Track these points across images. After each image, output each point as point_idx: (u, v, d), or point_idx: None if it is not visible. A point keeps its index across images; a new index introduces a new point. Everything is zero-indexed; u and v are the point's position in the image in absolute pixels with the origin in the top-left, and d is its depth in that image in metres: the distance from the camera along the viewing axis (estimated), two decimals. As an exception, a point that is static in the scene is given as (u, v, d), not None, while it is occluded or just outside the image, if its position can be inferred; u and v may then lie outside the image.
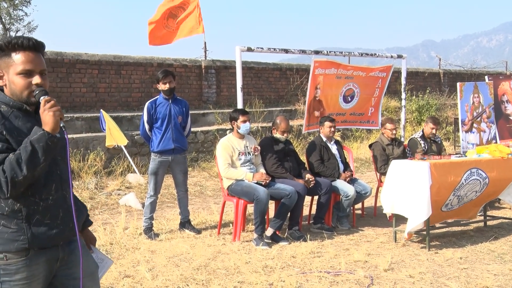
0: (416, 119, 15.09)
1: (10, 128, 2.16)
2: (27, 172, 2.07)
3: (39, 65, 2.23)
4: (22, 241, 2.17)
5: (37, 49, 2.23)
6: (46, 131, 2.11)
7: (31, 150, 2.07)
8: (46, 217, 2.23)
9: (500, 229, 6.31)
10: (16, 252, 2.18)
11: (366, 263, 5.06)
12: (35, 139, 2.09)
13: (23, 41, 2.19)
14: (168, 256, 5.26)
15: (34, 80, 2.21)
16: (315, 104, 7.32)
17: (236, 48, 6.71)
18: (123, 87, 11.57)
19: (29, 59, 2.19)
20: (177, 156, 6.16)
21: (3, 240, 2.16)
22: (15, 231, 2.17)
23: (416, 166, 5.55)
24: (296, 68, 14.84)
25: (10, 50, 2.19)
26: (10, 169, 2.05)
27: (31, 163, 2.08)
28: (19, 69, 2.19)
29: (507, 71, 21.21)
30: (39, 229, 2.21)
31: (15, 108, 2.22)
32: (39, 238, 2.20)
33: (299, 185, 6.00)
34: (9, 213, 2.16)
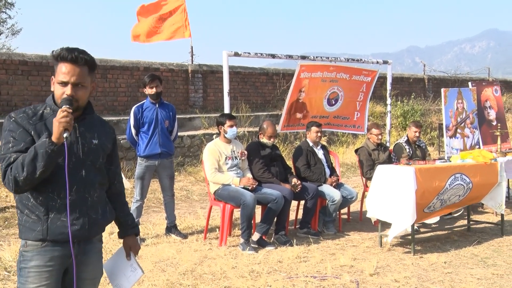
0: (401, 124, 15.22)
1: (40, 129, 2.37)
2: (26, 174, 2.25)
3: (74, 77, 2.39)
4: (38, 232, 2.38)
5: (77, 62, 2.39)
6: (48, 139, 2.27)
7: (33, 155, 2.25)
8: (62, 214, 2.39)
9: (483, 234, 6.39)
10: (33, 241, 2.39)
11: (352, 267, 5.10)
12: (38, 145, 2.27)
13: (64, 53, 2.39)
14: (154, 261, 5.24)
15: (65, 91, 2.39)
16: (298, 106, 7.33)
17: (223, 53, 6.72)
18: (109, 91, 11.51)
19: (66, 71, 2.39)
20: (164, 161, 6.15)
21: (25, 228, 2.41)
22: (35, 222, 2.38)
23: (402, 171, 5.60)
24: (283, 73, 14.88)
25: (57, 59, 2.42)
26: (15, 169, 2.26)
27: (31, 167, 2.25)
28: (58, 79, 2.42)
29: (490, 78, 21.51)
30: (55, 224, 2.38)
31: (55, 112, 2.38)
32: (53, 232, 2.38)
33: (285, 189, 6.02)
34: (32, 205, 2.38)
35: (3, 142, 2.34)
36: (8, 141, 2.33)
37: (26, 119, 2.37)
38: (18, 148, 2.31)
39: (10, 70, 9.99)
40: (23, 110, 2.42)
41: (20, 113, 2.40)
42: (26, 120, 2.36)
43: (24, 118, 2.37)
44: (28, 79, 10.20)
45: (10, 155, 2.30)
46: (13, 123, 2.36)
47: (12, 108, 9.95)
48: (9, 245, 5.65)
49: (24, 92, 10.14)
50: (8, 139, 2.34)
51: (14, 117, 2.38)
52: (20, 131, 2.34)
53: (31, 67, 10.24)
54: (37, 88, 10.29)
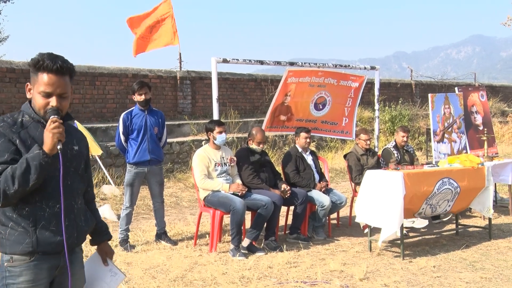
0: (389, 129, 15.32)
1: (25, 137, 2.28)
2: (18, 187, 2.17)
3: (59, 88, 2.33)
4: (27, 244, 2.28)
5: (61, 72, 2.32)
6: (42, 151, 2.20)
7: (25, 167, 2.17)
8: (51, 224, 2.32)
9: (471, 238, 6.45)
10: (21, 255, 2.29)
11: (342, 272, 5.12)
12: (30, 157, 2.19)
13: (48, 63, 2.29)
14: (145, 268, 5.23)
15: (51, 102, 2.32)
16: (282, 109, 7.36)
17: (212, 59, 6.74)
18: (98, 98, 11.47)
19: (50, 82, 2.30)
20: (153, 167, 6.14)
21: (10, 242, 2.29)
22: (22, 234, 2.28)
23: (390, 176, 5.65)
24: (271, 79, 14.93)
25: (37, 69, 2.31)
26: (4, 182, 2.16)
27: (23, 179, 2.17)
28: (40, 90, 2.32)
29: (476, 83, 21.75)
30: (44, 235, 2.30)
31: (34, 121, 2.36)
32: (43, 243, 2.30)
33: (275, 195, 6.04)
34: (18, 217, 2.28)
35: None
36: None
37: (8, 127, 2.27)
38: (2, 160, 2.21)
39: (-2, 77, 9.93)
40: (2, 119, 2.32)
41: (0, 122, 2.30)
42: (9, 129, 2.27)
43: (6, 127, 2.27)
44: (16, 87, 10.13)
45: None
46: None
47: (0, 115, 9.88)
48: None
49: (12, 100, 10.07)
50: None
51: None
52: (3, 141, 2.24)
53: (18, 74, 10.18)
54: (25, 95, 10.17)
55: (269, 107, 7.31)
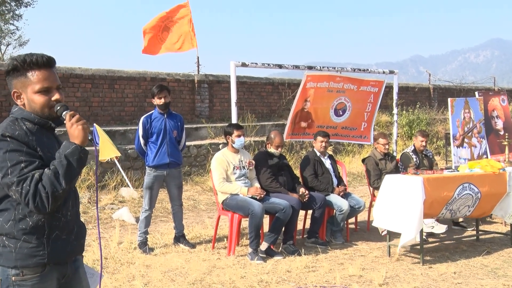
0: (406, 133, 15.22)
1: (41, 144, 2.22)
2: (65, 186, 2.12)
3: (55, 81, 2.28)
4: (41, 256, 2.20)
5: (50, 65, 2.27)
6: (78, 145, 2.17)
7: (67, 164, 2.13)
8: (64, 233, 2.28)
9: (492, 244, 6.36)
10: (33, 268, 2.20)
11: (361, 277, 5.09)
12: (69, 153, 2.15)
13: (37, 58, 2.22)
14: (163, 271, 5.25)
15: (53, 97, 2.26)
16: (303, 115, 7.35)
17: (230, 63, 6.76)
18: (116, 101, 11.58)
19: (45, 77, 2.24)
20: (172, 171, 6.18)
21: (22, 255, 2.18)
22: (35, 246, 2.20)
23: (410, 181, 5.61)
24: (288, 82, 14.93)
25: (25, 69, 2.22)
26: (50, 184, 2.09)
27: (68, 176, 2.13)
28: (38, 88, 2.23)
29: (496, 87, 21.49)
30: (57, 245, 2.25)
31: (39, 125, 2.27)
32: (57, 253, 2.25)
33: (293, 199, 6.03)
34: (31, 228, 2.19)
35: (11, 164, 2.11)
36: (18, 161, 2.11)
37: (26, 136, 2.18)
38: (35, 166, 2.13)
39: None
40: (12, 128, 2.19)
41: (13, 130, 2.18)
42: (27, 138, 2.18)
43: (24, 136, 2.17)
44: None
45: (31, 173, 2.10)
46: (14, 142, 2.14)
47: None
48: None
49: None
50: (18, 159, 2.11)
51: (10, 135, 2.15)
52: (27, 149, 2.15)
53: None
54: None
55: (289, 115, 7.30)
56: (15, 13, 21.76)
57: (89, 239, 6.59)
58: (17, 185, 2.09)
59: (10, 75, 2.26)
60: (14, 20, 22.12)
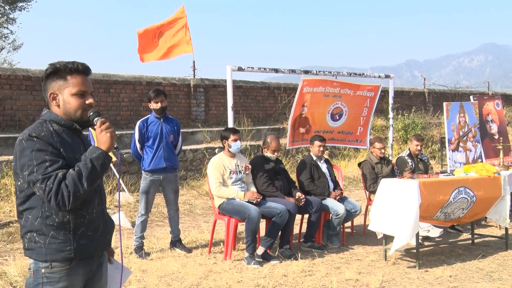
0: (402, 137, 15.26)
1: (65, 145, 2.39)
2: (87, 187, 2.27)
3: (90, 87, 2.49)
4: (68, 251, 2.37)
5: (87, 73, 2.48)
6: (104, 151, 2.34)
7: (91, 167, 2.28)
8: (89, 229, 2.43)
9: (487, 247, 6.39)
10: (61, 262, 2.37)
11: (357, 281, 5.10)
12: (94, 157, 2.31)
13: (78, 65, 2.44)
14: (160, 276, 5.24)
15: (88, 100, 2.45)
16: (301, 121, 7.37)
17: (227, 67, 6.78)
18: (112, 105, 11.57)
19: (83, 82, 2.45)
20: (169, 175, 6.17)
21: (51, 250, 2.35)
22: (63, 242, 2.36)
23: (406, 185, 5.62)
24: (284, 87, 14.96)
25: (66, 73, 2.43)
26: (73, 184, 2.24)
27: (91, 179, 2.28)
28: (75, 91, 2.43)
29: (490, 91, 21.60)
30: (83, 241, 2.41)
31: (65, 127, 2.44)
32: (83, 249, 2.40)
33: (290, 203, 6.04)
34: (58, 225, 2.35)
35: (36, 163, 2.27)
36: (43, 160, 2.27)
37: (50, 137, 2.34)
38: (59, 165, 2.28)
39: (14, 85, 10.06)
40: (39, 129, 2.36)
41: (40, 131, 2.34)
42: (52, 138, 2.34)
43: (48, 136, 2.33)
44: (32, 94, 10.26)
45: (55, 172, 2.25)
46: (40, 142, 2.30)
47: (16, 123, 10.00)
48: (14, 260, 5.64)
49: (27, 107, 10.19)
50: (43, 158, 2.27)
51: (36, 135, 2.31)
52: (51, 149, 2.31)
53: (34, 82, 10.30)
54: (41, 103, 10.34)
55: (289, 122, 7.31)
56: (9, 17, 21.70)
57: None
58: (41, 182, 2.24)
59: (49, 78, 2.45)
60: (8, 24, 22.06)
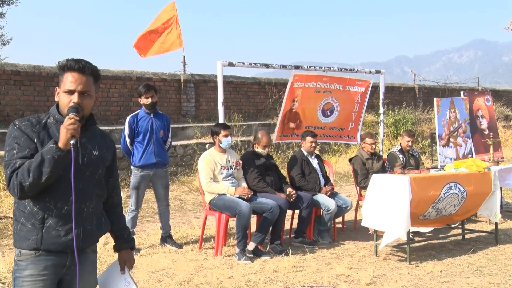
0: (392, 133, 15.30)
1: (43, 137, 2.40)
2: (32, 180, 2.26)
3: (80, 86, 2.43)
4: (32, 241, 2.38)
5: (83, 71, 2.45)
6: (56, 145, 2.30)
7: (39, 160, 2.27)
8: (58, 224, 2.40)
9: (477, 242, 6.42)
10: (28, 250, 2.39)
11: (348, 277, 5.10)
12: (45, 150, 2.30)
13: (71, 63, 2.44)
14: (150, 271, 5.21)
15: (73, 99, 2.42)
16: (291, 116, 7.34)
17: (217, 62, 6.73)
18: (102, 100, 11.47)
19: (73, 80, 2.43)
20: (159, 170, 6.13)
21: (20, 236, 2.41)
22: (30, 230, 2.39)
23: (397, 181, 5.63)
24: (275, 82, 14.93)
25: (64, 70, 2.45)
26: (21, 174, 2.28)
27: (37, 172, 2.26)
28: (64, 88, 2.45)
29: (479, 87, 21.72)
30: (49, 234, 2.39)
31: (59, 122, 2.45)
32: (48, 241, 2.38)
33: (280, 199, 6.03)
34: (29, 213, 2.39)
35: (8, 149, 2.38)
36: (12, 147, 2.37)
37: (30, 127, 2.40)
38: (23, 154, 2.34)
39: (3, 80, 9.94)
40: (27, 119, 2.45)
41: (24, 121, 2.43)
42: (30, 128, 2.39)
43: (28, 126, 2.40)
44: (20, 89, 10.15)
45: (15, 161, 2.33)
46: (17, 130, 2.39)
47: (5, 118, 9.89)
48: (3, 256, 5.59)
49: (16, 102, 10.08)
50: (13, 146, 2.37)
51: (18, 125, 2.41)
52: (24, 138, 2.37)
53: (23, 77, 10.19)
54: (29, 98, 10.24)
55: (278, 116, 7.28)
56: (-2, 11, 21.45)
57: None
58: (5, 168, 2.36)
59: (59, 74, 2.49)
60: (-4, 19, 21.81)
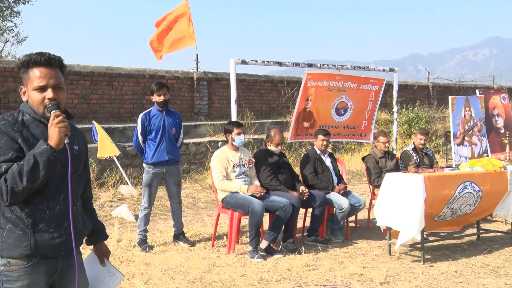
0: (406, 131, 15.19)
1: (27, 136, 2.24)
2: (27, 184, 2.12)
3: (52, 79, 2.29)
4: (25, 247, 2.22)
5: (50, 64, 2.29)
6: (50, 146, 2.17)
7: (33, 163, 2.13)
8: (50, 226, 2.27)
9: (493, 243, 6.34)
10: (19, 258, 2.23)
11: (361, 276, 5.06)
12: (38, 152, 2.15)
13: (36, 57, 2.27)
14: (163, 269, 5.22)
15: (47, 95, 2.28)
16: (305, 115, 7.31)
17: (230, 61, 6.72)
18: (115, 98, 11.53)
19: (42, 75, 2.27)
20: (171, 168, 6.14)
21: (7, 245, 2.22)
22: (20, 236, 2.22)
23: (411, 179, 5.57)
24: (287, 80, 14.89)
25: (28, 67, 2.28)
26: (12, 179, 2.11)
27: (32, 176, 2.13)
28: (34, 85, 2.28)
29: (495, 85, 21.47)
30: (43, 237, 2.25)
31: (35, 119, 2.31)
32: (42, 246, 2.25)
33: (293, 197, 6.00)
34: (16, 218, 2.22)
35: None
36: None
37: (10, 126, 2.23)
38: (7, 158, 2.17)
39: (18, 77, 10.01)
40: (2, 117, 2.27)
41: (1, 119, 2.25)
42: (10, 127, 2.22)
43: (8, 125, 2.23)
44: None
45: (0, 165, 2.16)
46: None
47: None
48: None
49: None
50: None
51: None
52: (6, 139, 2.20)
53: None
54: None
55: (292, 116, 7.26)
56: (13, 10, 21.64)
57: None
58: None
59: (20, 72, 2.32)
60: (12, 17, 22.00)
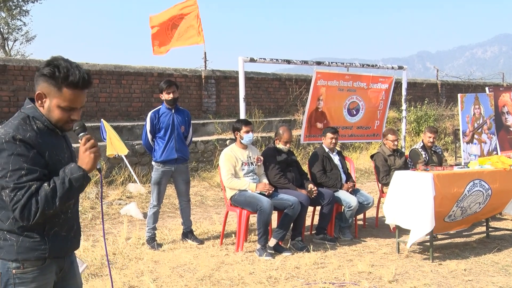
0: (414, 129, 15.13)
1: (49, 146, 2.26)
2: (59, 206, 2.19)
3: (82, 102, 2.32)
4: (42, 251, 2.27)
5: (86, 87, 2.28)
6: (85, 173, 2.22)
7: (68, 188, 2.18)
8: (63, 230, 2.36)
9: (503, 241, 6.31)
10: (34, 261, 2.27)
11: (370, 274, 5.06)
12: (74, 178, 2.19)
13: (79, 80, 2.22)
14: (172, 267, 5.24)
15: (73, 116, 2.30)
16: (318, 116, 7.29)
17: (239, 58, 6.72)
18: (124, 96, 11.57)
19: (74, 98, 2.26)
20: (180, 166, 6.16)
21: (24, 249, 2.24)
22: (37, 241, 2.26)
23: (420, 177, 5.56)
24: (295, 78, 14.88)
25: (63, 84, 2.21)
26: (44, 201, 2.13)
27: (65, 199, 2.20)
28: (63, 105, 2.25)
29: (504, 83, 21.33)
30: (57, 240, 2.33)
31: (49, 129, 2.31)
32: (57, 248, 2.33)
33: (302, 195, 6.00)
34: (33, 225, 2.21)
35: (12, 168, 2.12)
36: (20, 167, 2.12)
37: (35, 137, 2.19)
38: (35, 177, 2.15)
39: (28, 76, 10.07)
40: (24, 129, 2.19)
41: (24, 132, 2.18)
42: (36, 140, 2.19)
43: (33, 137, 2.18)
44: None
45: (28, 184, 2.12)
46: (22, 146, 2.14)
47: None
48: None
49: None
50: (20, 165, 2.12)
51: (21, 138, 2.15)
52: (34, 153, 2.16)
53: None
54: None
55: (304, 116, 7.24)
56: (22, 8, 21.75)
57: (98, 234, 6.60)
58: (11, 191, 2.12)
59: (42, 76, 2.23)
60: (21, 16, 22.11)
